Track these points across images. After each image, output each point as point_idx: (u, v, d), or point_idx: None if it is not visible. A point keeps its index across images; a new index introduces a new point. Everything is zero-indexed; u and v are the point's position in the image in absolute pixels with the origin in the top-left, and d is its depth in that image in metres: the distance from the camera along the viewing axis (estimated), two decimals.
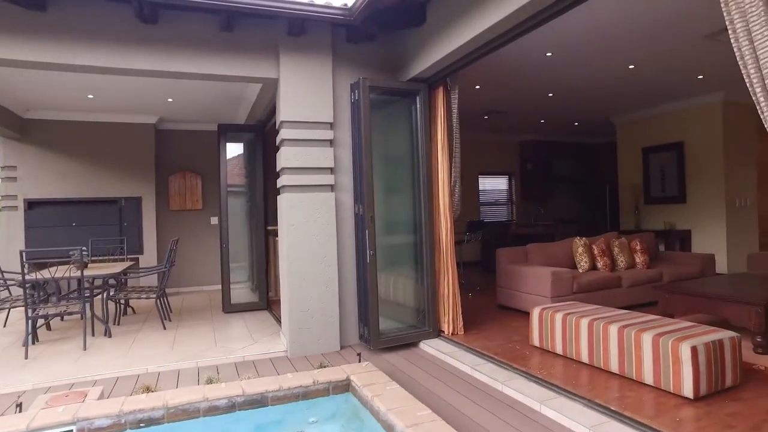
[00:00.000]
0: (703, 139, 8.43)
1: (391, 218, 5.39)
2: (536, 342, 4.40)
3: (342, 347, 5.03)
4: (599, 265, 6.03)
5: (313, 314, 4.89)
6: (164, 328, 5.78)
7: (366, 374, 3.80)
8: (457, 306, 5.06)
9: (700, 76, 7.03)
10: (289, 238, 4.84)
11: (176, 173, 8.92)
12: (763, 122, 2.33)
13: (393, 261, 5.42)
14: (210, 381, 3.90)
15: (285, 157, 4.86)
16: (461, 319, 5.09)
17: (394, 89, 5.09)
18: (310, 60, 4.95)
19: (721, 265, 8.08)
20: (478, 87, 7.18)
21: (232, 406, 3.53)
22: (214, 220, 8.97)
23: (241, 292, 7.38)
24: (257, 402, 3.62)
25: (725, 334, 3.37)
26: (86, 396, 3.39)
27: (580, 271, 5.96)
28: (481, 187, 11.65)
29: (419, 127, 5.08)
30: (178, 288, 8.85)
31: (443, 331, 5.08)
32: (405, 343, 4.97)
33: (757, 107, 2.35)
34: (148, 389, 3.59)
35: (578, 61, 6.08)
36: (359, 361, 4.37)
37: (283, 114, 4.88)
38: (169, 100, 7.17)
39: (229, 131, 7.12)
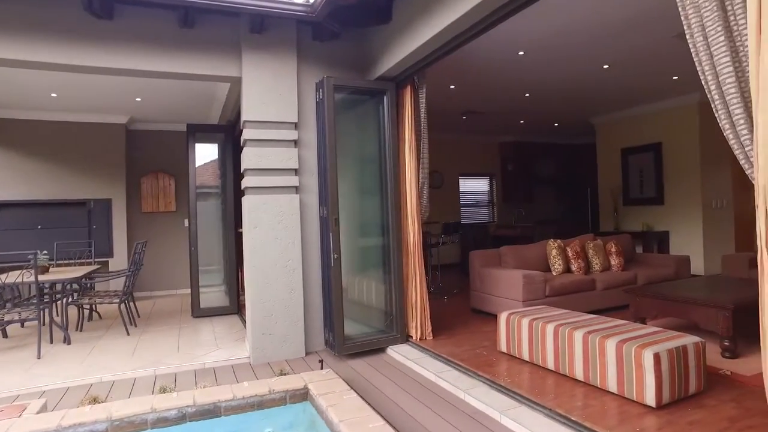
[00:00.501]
0: (680, 140, 8.41)
1: (359, 221, 5.28)
2: (504, 348, 4.30)
3: (308, 353, 4.90)
4: (573, 267, 5.95)
5: (277, 319, 4.76)
6: (128, 334, 5.61)
7: (325, 382, 3.68)
8: (425, 311, 4.95)
9: (675, 77, 6.99)
10: (252, 241, 4.71)
11: (148, 174, 8.73)
12: (717, 120, 2.23)
13: (361, 264, 5.31)
14: (163, 390, 3.75)
15: (248, 158, 4.72)
16: (429, 324, 4.98)
17: (360, 88, 4.97)
18: (273, 58, 4.81)
19: (698, 267, 8.06)
20: (453, 87, 7.08)
21: (182, 417, 3.38)
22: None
23: (213, 296, 7.21)
24: (209, 412, 3.47)
25: (689, 340, 3.28)
26: (25, 410, 3.22)
27: (554, 273, 5.87)
28: (462, 189, 11.56)
29: (386, 127, 4.97)
30: (152, 291, 8.68)
31: (411, 337, 4.96)
32: (372, 348, 4.84)
33: (712, 105, 2.25)
34: (94, 400, 3.44)
35: (551, 60, 6.00)
36: (321, 368, 4.25)
37: (246, 114, 4.74)
38: (138, 99, 7.00)
39: (198, 131, 6.96)
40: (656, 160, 8.78)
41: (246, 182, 4.75)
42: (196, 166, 7.27)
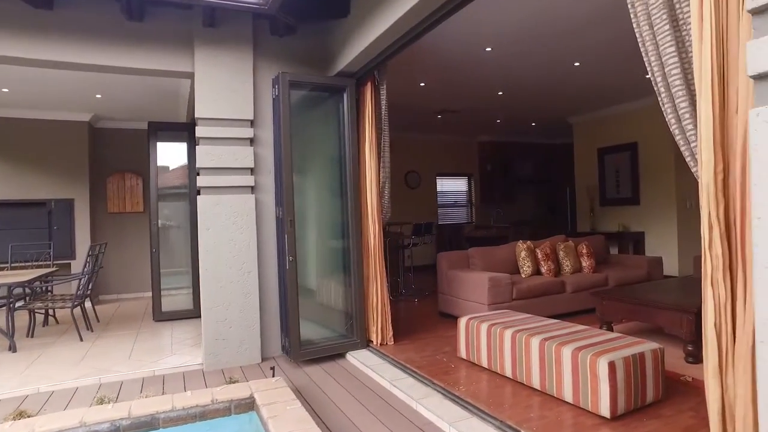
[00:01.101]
0: (655, 139, 8.33)
1: (319, 222, 5.11)
2: (463, 354, 4.14)
3: (264, 359, 4.71)
4: (543, 269, 5.81)
5: (232, 324, 4.57)
6: (81, 340, 5.38)
7: (271, 391, 3.50)
8: (386, 315, 4.79)
9: (648, 75, 6.87)
10: (206, 242, 4.51)
11: (115, 174, 8.48)
12: (664, 114, 2.09)
13: (321, 267, 5.14)
14: (101, 401, 3.55)
15: (202, 157, 4.53)
16: (391, 328, 4.81)
17: (318, 84, 4.78)
18: (228, 53, 4.62)
19: (673, 267, 7.98)
20: (423, 84, 6.93)
21: (115, 431, 3.19)
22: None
23: (179, 299, 6.98)
24: (147, 425, 3.28)
25: (648, 347, 3.14)
26: None
27: (523, 276, 5.74)
28: (439, 189, 11.42)
29: (346, 124, 4.79)
30: (119, 294, 8.44)
31: (372, 342, 4.80)
32: (331, 354, 4.66)
33: (659, 98, 2.11)
34: (20, 415, 3.23)
35: (519, 56, 5.87)
36: (273, 376, 4.08)
37: (199, 110, 4.54)
38: (98, 96, 6.75)
39: (160, 130, 6.73)
40: (632, 160, 8.70)
41: (200, 182, 4.55)
42: (164, 165, 7.07)
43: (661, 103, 2.10)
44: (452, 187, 11.72)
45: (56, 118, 7.63)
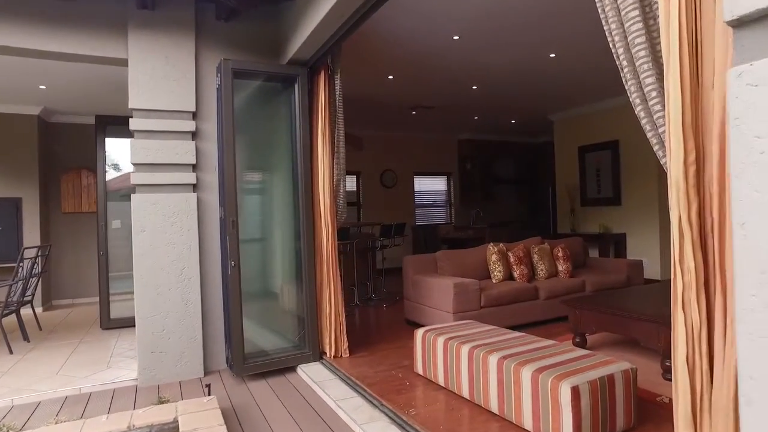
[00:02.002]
0: (637, 138, 7.99)
1: (267, 223, 4.70)
2: (420, 370, 3.75)
3: (208, 372, 4.29)
4: (516, 274, 5.44)
5: (170, 335, 4.14)
6: (11, 353, 4.91)
7: (200, 414, 3.09)
8: (340, 325, 4.39)
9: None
10: (141, 246, 4.09)
11: (70, 172, 7.98)
12: (628, 94, 1.71)
13: (271, 272, 4.73)
14: (1, 429, 3.12)
15: (136, 152, 4.10)
16: (346, 339, 4.41)
17: (266, 73, 4.37)
18: (167, 39, 4.19)
19: (655, 271, 7.66)
20: (391, 77, 6.53)
21: None
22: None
23: (131, 305, 6.52)
24: None
25: (618, 367, 2.77)
26: None
27: (494, 281, 5.36)
28: (417, 188, 11.04)
29: (298, 117, 4.38)
30: (74, 299, 7.95)
31: (326, 354, 4.39)
32: (280, 368, 4.25)
33: (621, 75, 1.73)
34: None
35: (490, 46, 5.49)
36: (208, 394, 3.66)
37: (133, 101, 4.11)
38: (41, 87, 6.28)
39: (109, 124, 6.28)
40: (614, 158, 8.37)
41: (134, 179, 4.12)
42: (117, 163, 6.62)
43: (624, 81, 1.73)
44: (430, 186, 11.34)
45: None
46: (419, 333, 3.73)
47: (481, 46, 5.47)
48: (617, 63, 1.76)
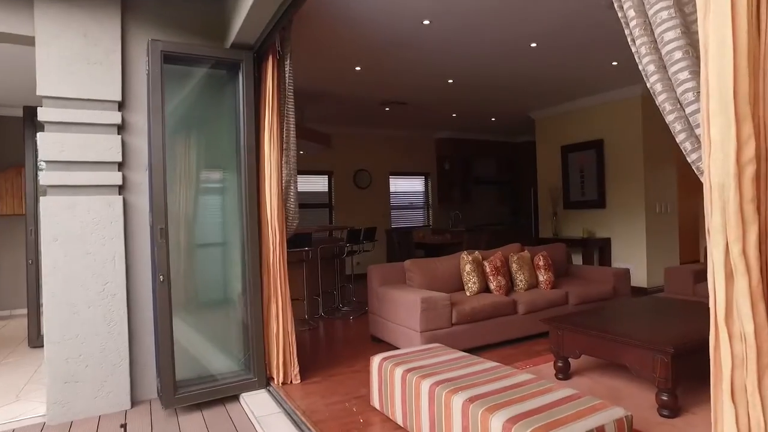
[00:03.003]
0: (623, 137, 7.56)
1: (209, 230, 4.12)
2: (376, 404, 3.20)
3: (136, 403, 3.69)
4: (492, 286, 4.91)
5: (88, 361, 3.53)
6: None
7: None
8: (290, 346, 3.82)
9: (615, 63, 6.08)
10: (52, 257, 3.47)
11: (9, 170, 7.29)
12: (637, 59, 1.17)
13: (213, 287, 4.14)
14: None
15: (47, 147, 3.48)
16: (296, 363, 3.85)
17: (205, 57, 3.77)
18: (86, 14, 3.58)
19: (641, 279, 7.22)
20: (359, 69, 5.97)
21: None
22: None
23: None
24: None
25: (610, 416, 2.24)
26: None
27: (468, 294, 4.83)
28: (392, 189, 10.49)
29: (242, 108, 3.81)
30: (12, 311, 7.26)
31: (273, 380, 3.82)
32: (220, 397, 3.67)
33: (630, 38, 1.19)
34: None
35: (465, 32, 4.96)
36: None
37: (42, 86, 3.49)
38: None
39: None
40: (598, 158, 7.91)
41: (45, 179, 3.50)
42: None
43: (631, 40, 1.18)
44: (407, 187, 10.80)
45: None
46: (375, 361, 3.18)
47: (455, 33, 4.94)
48: (627, 31, 1.22)
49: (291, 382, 3.82)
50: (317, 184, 9.74)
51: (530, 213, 10.45)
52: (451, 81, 6.65)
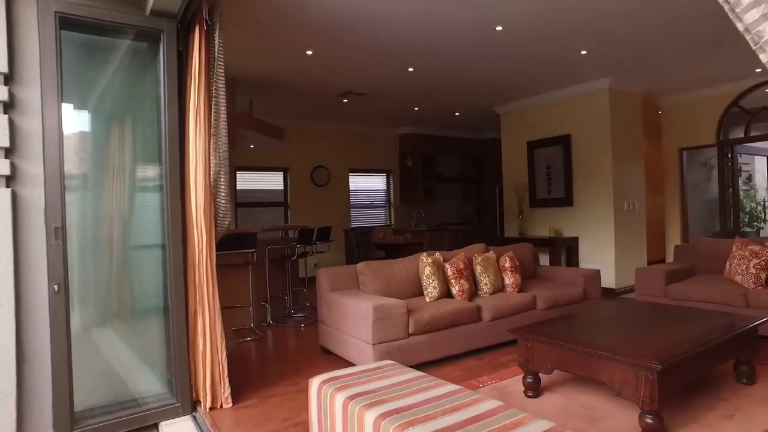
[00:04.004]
0: (590, 132, 7.25)
1: (130, 231, 3.53)
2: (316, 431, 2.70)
3: None
4: (454, 290, 4.47)
5: None
6: None
7: None
8: (219, 365, 3.28)
9: (584, 51, 5.73)
10: None
11: None
12: None
13: (129, 297, 3.56)
14: None
15: None
16: (227, 384, 3.31)
17: (114, 24, 3.17)
18: None
19: (609, 279, 6.92)
20: (310, 53, 5.45)
21: None
22: None
23: None
24: None
25: None
26: None
27: (427, 299, 4.37)
28: (352, 187, 9.98)
29: (163, 87, 3.25)
30: None
31: (200, 404, 3.27)
32: (136, 427, 3.10)
33: None
34: None
35: (423, 11, 4.50)
36: None
37: None
38: None
39: None
40: (565, 155, 7.59)
41: None
42: None
43: None
44: (368, 185, 10.31)
45: None
46: (313, 385, 2.67)
47: (414, 13, 4.48)
48: None
49: (221, 406, 3.28)
50: (272, 181, 9.15)
51: (495, 212, 10.10)
52: (411, 69, 6.19)
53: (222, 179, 3.36)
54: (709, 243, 5.59)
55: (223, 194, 3.38)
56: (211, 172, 3.28)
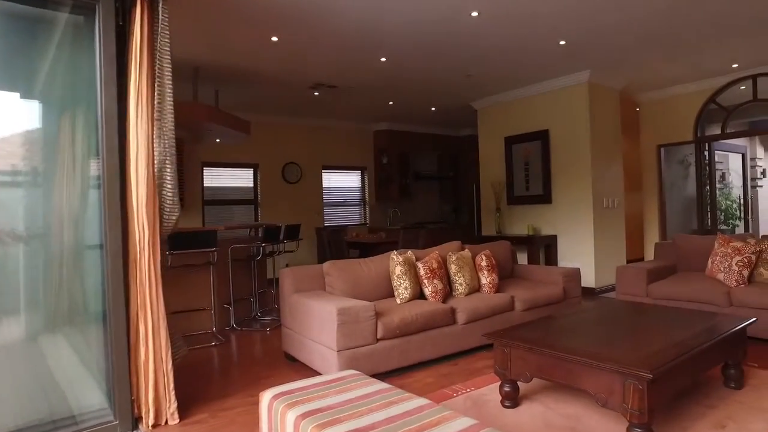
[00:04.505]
0: (569, 127, 7.06)
1: (54, 229, 3.17)
2: None
3: None
4: (427, 291, 4.19)
5: None
6: None
7: None
8: (164, 376, 2.95)
9: (563, 42, 5.51)
10: None
11: None
12: None
13: (64, 302, 3.20)
14: None
15: None
16: (173, 398, 2.97)
17: None
18: None
19: (589, 278, 6.73)
20: (275, 39, 5.12)
21: None
22: None
23: None
24: None
25: None
26: None
27: (398, 301, 4.08)
28: (326, 184, 9.65)
29: (100, 66, 2.90)
30: None
31: (142, 420, 2.93)
32: None
33: None
34: None
35: None
36: None
37: None
38: None
39: None
40: (543, 150, 7.38)
41: None
42: None
43: None
44: (342, 182, 9.99)
45: None
46: (264, 399, 2.36)
47: None
48: None
49: (166, 422, 2.94)
50: (241, 178, 8.78)
51: (473, 210, 9.88)
52: (384, 60, 5.90)
53: (168, 169, 3.02)
54: (690, 240, 5.43)
55: (169, 186, 3.05)
56: (155, 162, 2.95)
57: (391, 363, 3.62)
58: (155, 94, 2.94)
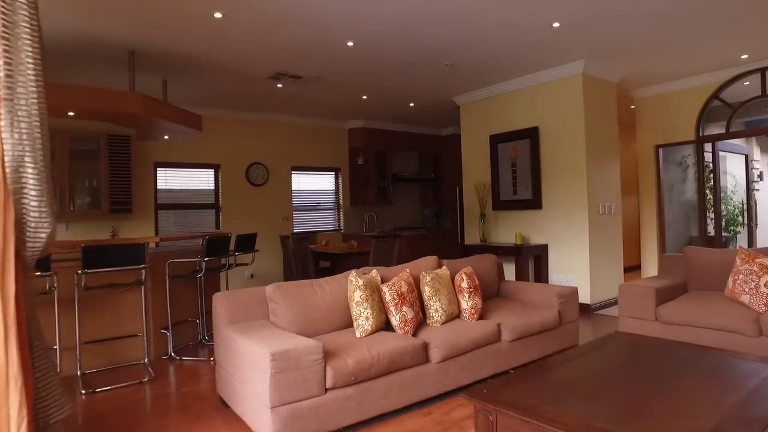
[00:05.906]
0: (562, 123, 6.33)
1: None
2: None
3: None
4: (395, 321, 3.41)
5: None
6: None
7: None
8: (20, 422, 2.12)
9: (556, 24, 4.77)
10: None
11: None
12: None
13: None
14: None
15: None
16: None
17: None
18: None
19: (584, 294, 5.99)
20: (219, 15, 4.31)
21: None
22: None
23: None
24: None
25: None
26: None
27: (358, 334, 3.29)
28: (295, 187, 8.83)
29: None
30: None
31: None
32: None
33: None
34: None
35: None
36: None
37: None
38: None
39: None
40: (533, 150, 6.65)
41: None
42: None
43: None
44: (314, 185, 9.17)
45: None
46: None
47: None
48: None
49: None
50: (200, 179, 7.93)
51: (456, 215, 9.13)
52: (351, 44, 5.12)
53: (30, 169, 2.19)
54: (703, 253, 4.70)
55: (33, 193, 2.20)
56: (5, 159, 2.13)
57: (345, 418, 2.83)
58: (2, 59, 2.11)
